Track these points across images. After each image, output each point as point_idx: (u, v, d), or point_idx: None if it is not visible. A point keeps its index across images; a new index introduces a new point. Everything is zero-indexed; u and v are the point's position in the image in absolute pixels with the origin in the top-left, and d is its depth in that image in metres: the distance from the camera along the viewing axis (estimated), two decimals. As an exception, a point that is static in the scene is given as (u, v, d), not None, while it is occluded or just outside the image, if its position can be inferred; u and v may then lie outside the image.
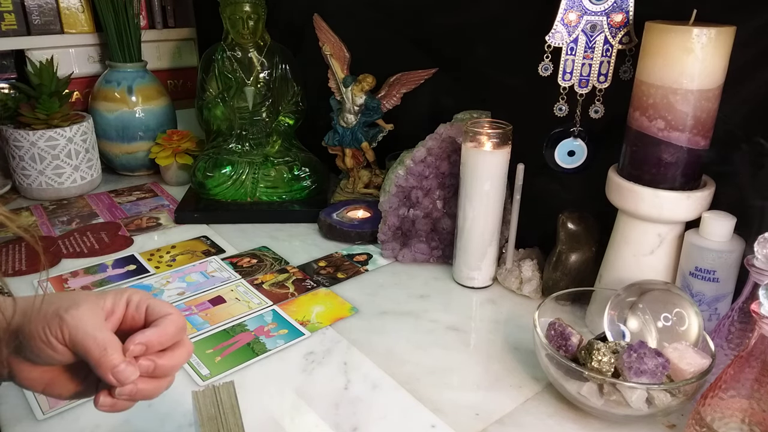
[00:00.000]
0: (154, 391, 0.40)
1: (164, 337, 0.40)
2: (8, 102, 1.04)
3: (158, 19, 1.29)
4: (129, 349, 0.38)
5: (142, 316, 0.41)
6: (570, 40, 0.70)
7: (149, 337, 0.39)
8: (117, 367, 0.37)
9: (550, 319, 0.62)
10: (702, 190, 0.62)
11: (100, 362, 0.37)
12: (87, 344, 0.37)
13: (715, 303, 0.62)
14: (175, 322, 0.41)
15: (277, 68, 1.04)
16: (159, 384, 0.40)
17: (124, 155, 1.18)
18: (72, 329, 0.37)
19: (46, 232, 0.95)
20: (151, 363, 0.39)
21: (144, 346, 0.39)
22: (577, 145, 0.75)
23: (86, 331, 0.37)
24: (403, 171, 0.87)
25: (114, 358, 0.37)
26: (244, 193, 1.02)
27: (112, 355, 0.37)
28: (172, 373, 0.41)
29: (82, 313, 0.38)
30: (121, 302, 0.41)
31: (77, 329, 0.37)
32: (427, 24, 0.93)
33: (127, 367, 0.37)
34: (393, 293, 0.79)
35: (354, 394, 0.60)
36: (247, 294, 0.78)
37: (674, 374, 0.55)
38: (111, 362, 0.37)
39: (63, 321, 0.37)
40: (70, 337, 0.37)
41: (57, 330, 0.37)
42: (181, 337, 0.41)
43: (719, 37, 0.56)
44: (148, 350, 0.39)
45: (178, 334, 0.41)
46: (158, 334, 0.39)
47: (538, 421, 0.58)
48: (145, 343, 0.39)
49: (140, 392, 0.39)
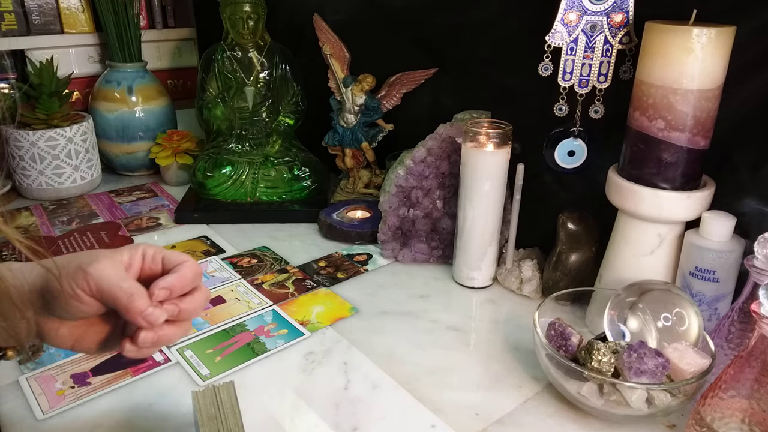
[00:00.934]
0: (175, 335, 0.42)
1: (184, 281, 0.42)
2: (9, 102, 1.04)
3: (158, 19, 1.29)
4: (154, 293, 0.40)
5: (158, 266, 0.43)
6: (570, 40, 0.70)
7: (171, 281, 0.41)
8: (146, 310, 0.39)
9: (550, 319, 0.62)
10: (702, 190, 0.62)
11: (129, 308, 0.39)
12: (114, 292, 0.39)
13: (715, 303, 0.62)
14: (192, 267, 0.43)
15: (277, 68, 1.04)
16: (179, 329, 0.43)
17: (124, 155, 1.18)
18: (98, 280, 0.39)
19: (46, 232, 0.95)
20: (176, 306, 0.41)
21: (168, 290, 0.41)
22: (577, 145, 0.75)
23: (111, 280, 0.40)
24: (403, 171, 0.87)
25: (142, 302, 0.39)
26: (244, 193, 1.02)
27: (139, 300, 0.39)
28: (192, 316, 0.43)
29: (104, 266, 0.40)
30: (137, 255, 0.43)
31: (102, 280, 0.39)
32: (427, 24, 0.93)
33: (155, 310, 0.40)
34: (393, 293, 0.79)
35: (354, 394, 0.60)
36: (247, 294, 0.78)
37: (674, 374, 0.55)
38: (139, 306, 0.39)
39: (88, 274, 0.39)
40: (97, 287, 0.39)
41: (84, 283, 0.39)
42: (198, 282, 0.43)
43: (719, 37, 0.56)
44: (171, 294, 0.41)
45: (196, 279, 0.43)
46: (179, 279, 0.42)
47: (538, 421, 0.58)
48: (169, 287, 0.41)
49: (162, 338, 0.41)
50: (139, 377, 0.62)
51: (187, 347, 0.67)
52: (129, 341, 0.41)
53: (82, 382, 0.61)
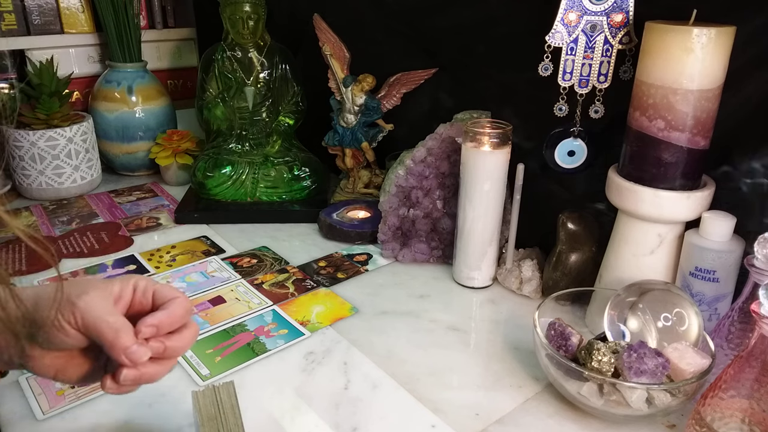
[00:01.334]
0: (157, 374, 0.41)
1: (173, 319, 0.41)
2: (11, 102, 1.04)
3: (158, 19, 1.29)
4: (141, 330, 0.40)
5: (149, 300, 0.43)
6: (570, 40, 0.70)
7: (159, 318, 0.41)
8: (130, 348, 0.39)
9: (550, 319, 0.62)
10: (702, 190, 0.62)
11: (114, 344, 0.38)
12: (100, 327, 0.39)
13: (715, 303, 0.62)
14: (182, 304, 0.42)
15: (277, 68, 1.04)
16: (162, 367, 0.42)
17: (124, 155, 1.18)
18: (84, 314, 0.39)
19: (46, 232, 0.95)
20: (161, 344, 0.41)
21: (155, 328, 0.40)
22: (577, 145, 0.75)
23: (98, 315, 0.39)
24: (403, 171, 0.87)
25: (127, 339, 0.39)
26: (244, 193, 1.02)
27: (124, 337, 0.39)
28: (178, 354, 0.42)
29: (93, 299, 0.39)
30: (128, 288, 0.42)
31: (89, 314, 0.39)
32: (427, 24, 0.93)
33: (139, 348, 0.39)
34: (393, 293, 0.80)
35: (354, 394, 0.60)
36: (247, 294, 0.78)
37: (674, 374, 0.55)
38: (124, 344, 0.38)
39: (75, 306, 0.39)
40: (83, 321, 0.39)
41: (70, 315, 0.39)
42: (187, 319, 0.43)
43: (719, 37, 0.56)
44: (158, 332, 0.41)
45: (185, 316, 0.42)
46: (168, 316, 0.41)
47: (538, 421, 0.58)
48: (156, 325, 0.40)
49: (144, 376, 0.40)
50: (139, 377, 0.62)
51: (187, 347, 0.67)
52: (110, 378, 0.40)
53: (82, 382, 0.61)
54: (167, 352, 0.41)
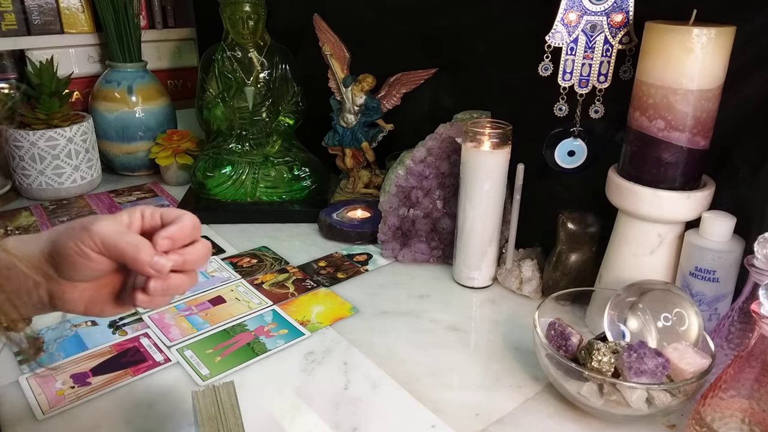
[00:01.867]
0: (183, 284, 0.44)
1: (185, 231, 0.44)
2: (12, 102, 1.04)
3: (158, 19, 1.29)
4: (158, 242, 0.42)
5: (158, 222, 0.45)
6: (570, 40, 0.70)
7: (172, 231, 0.43)
8: (152, 259, 0.41)
9: (550, 319, 0.62)
10: (702, 190, 0.62)
11: (136, 258, 0.41)
12: (120, 245, 0.41)
13: (715, 303, 0.62)
14: (191, 218, 0.45)
15: (277, 68, 1.04)
16: (186, 278, 0.44)
17: (124, 155, 1.18)
18: (103, 237, 0.41)
19: (46, 232, 0.95)
20: (180, 256, 0.43)
21: (170, 240, 0.42)
22: (577, 145, 0.75)
23: (116, 235, 0.41)
24: (403, 171, 0.87)
25: (147, 251, 0.41)
26: (244, 193, 1.02)
27: (145, 250, 0.41)
28: (197, 266, 0.45)
29: (107, 223, 0.41)
30: (136, 215, 0.44)
31: (107, 236, 0.41)
32: (427, 24, 0.93)
33: (161, 258, 0.41)
34: (393, 293, 0.79)
35: (354, 394, 0.60)
36: (247, 294, 0.78)
37: (674, 374, 0.55)
38: (146, 256, 0.41)
39: (92, 232, 0.41)
40: (103, 243, 0.41)
41: (89, 241, 0.40)
42: (197, 234, 0.45)
43: (719, 37, 0.56)
44: (173, 243, 0.43)
45: (195, 230, 0.45)
46: (180, 229, 0.43)
47: (538, 421, 0.58)
48: (170, 237, 0.42)
49: (171, 286, 0.43)
50: (139, 377, 0.62)
51: (187, 347, 0.67)
52: (140, 291, 0.42)
53: (82, 382, 0.61)
54: (186, 263, 0.43)
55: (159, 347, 0.67)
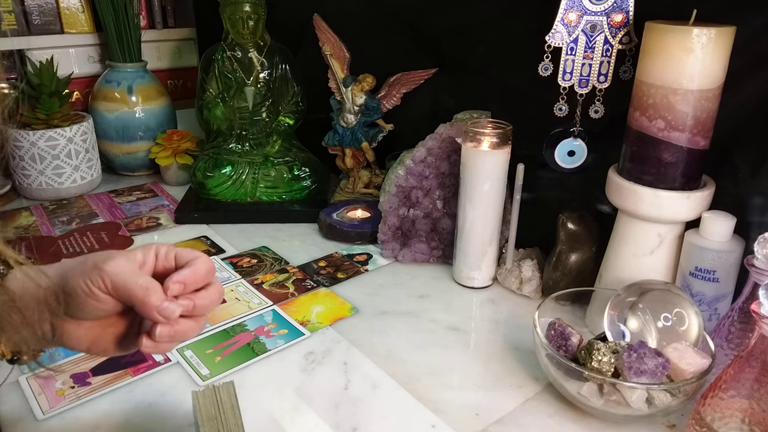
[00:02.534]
0: (190, 330, 0.42)
1: (198, 276, 0.42)
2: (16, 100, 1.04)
3: (158, 19, 1.29)
4: (169, 287, 0.41)
5: (171, 263, 0.44)
6: (570, 40, 0.70)
7: (185, 275, 0.42)
8: (161, 305, 0.40)
9: (550, 319, 0.62)
10: (702, 190, 0.62)
11: (145, 302, 0.40)
12: (130, 288, 0.40)
13: (715, 303, 0.62)
14: (205, 262, 0.43)
15: (277, 68, 1.04)
16: (194, 323, 0.43)
17: (124, 155, 1.18)
18: (113, 277, 0.40)
19: (46, 232, 0.95)
20: (190, 301, 0.42)
21: (182, 285, 0.41)
22: (577, 145, 0.75)
23: (127, 277, 0.40)
24: (403, 171, 0.87)
25: (157, 296, 0.40)
26: (244, 193, 1.02)
27: (155, 295, 0.40)
28: (207, 311, 0.43)
29: (119, 262, 0.41)
30: (150, 254, 0.44)
31: (118, 277, 0.40)
32: (427, 24, 0.93)
33: (170, 304, 0.40)
34: (393, 293, 0.79)
35: (354, 394, 0.60)
36: (247, 294, 0.78)
37: (674, 374, 0.55)
38: (155, 301, 0.40)
39: (103, 271, 0.40)
40: (112, 284, 0.40)
41: (98, 280, 0.40)
42: (211, 278, 0.44)
43: (719, 37, 0.56)
44: (185, 288, 0.42)
45: (209, 274, 0.44)
46: (193, 273, 0.42)
47: (538, 421, 0.58)
48: (183, 281, 0.41)
49: (178, 332, 0.41)
50: (139, 377, 0.62)
51: (187, 347, 0.67)
52: (146, 336, 0.41)
53: (82, 382, 0.61)
54: (197, 309, 0.42)
55: (159, 347, 0.67)
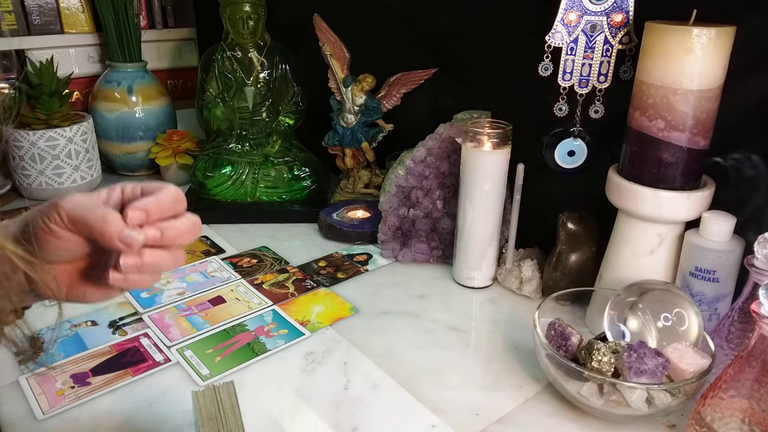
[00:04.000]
0: (162, 260, 0.39)
1: (162, 203, 0.39)
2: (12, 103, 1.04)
3: (158, 19, 1.29)
4: (128, 215, 0.38)
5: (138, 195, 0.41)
6: (570, 40, 0.70)
7: (146, 202, 0.39)
8: (122, 232, 0.37)
9: (550, 319, 0.62)
10: (702, 190, 0.62)
11: (103, 230, 0.37)
12: (86, 218, 0.37)
13: (715, 303, 0.62)
14: (171, 191, 0.41)
15: (277, 68, 1.04)
16: (167, 254, 0.40)
17: (124, 155, 1.18)
18: (69, 211, 0.37)
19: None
20: (157, 231, 0.39)
21: (143, 212, 0.38)
22: (577, 145, 0.75)
23: (83, 208, 0.38)
24: (403, 171, 0.87)
25: (116, 224, 0.37)
26: (244, 193, 1.02)
27: (113, 223, 0.37)
28: (179, 241, 0.40)
29: (77, 197, 0.38)
30: (115, 190, 0.41)
31: (74, 209, 0.37)
32: (427, 24, 0.93)
33: (131, 231, 0.37)
34: (393, 293, 0.79)
35: (354, 394, 0.60)
36: (247, 294, 0.78)
37: (674, 374, 0.55)
38: (114, 229, 0.37)
39: (59, 206, 0.38)
40: (69, 218, 0.37)
41: (55, 216, 0.37)
42: (179, 208, 0.41)
43: (719, 37, 0.56)
44: (148, 216, 0.39)
45: (177, 204, 0.41)
46: (156, 200, 0.39)
47: (538, 421, 0.58)
48: (143, 208, 0.38)
49: (147, 264, 0.39)
50: (139, 377, 0.62)
51: (187, 347, 0.67)
52: (113, 269, 0.38)
53: (82, 382, 0.61)
54: (165, 238, 0.39)
55: (159, 347, 0.67)
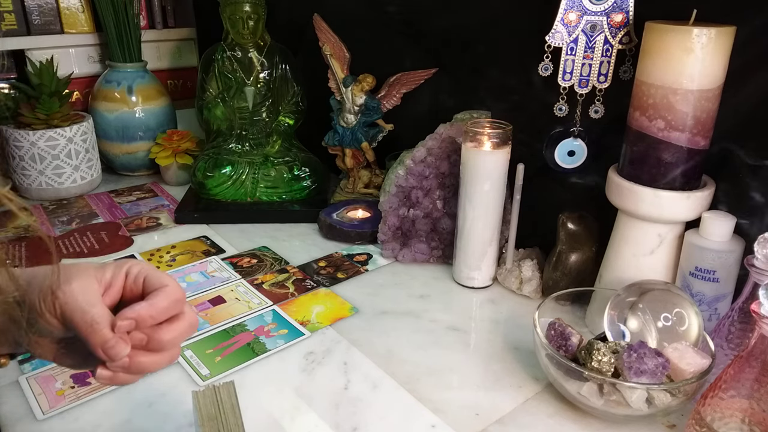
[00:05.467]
0: (153, 365, 0.39)
1: (156, 311, 0.39)
2: (8, 102, 1.04)
3: (158, 19, 1.29)
4: (117, 325, 0.37)
5: (140, 287, 0.41)
6: (570, 40, 0.70)
7: (139, 311, 0.38)
8: (107, 342, 0.37)
9: (550, 319, 0.62)
10: (702, 190, 0.62)
11: (89, 338, 0.37)
12: (75, 319, 0.37)
13: (715, 303, 0.62)
14: (170, 294, 0.40)
15: (277, 68, 1.04)
16: (157, 358, 0.39)
17: (124, 155, 1.18)
18: (63, 305, 0.37)
19: (46, 232, 0.95)
20: (144, 336, 0.38)
21: (133, 321, 0.38)
22: (577, 145, 0.75)
23: (76, 306, 0.37)
24: (403, 171, 0.87)
25: (102, 333, 0.37)
26: (244, 193, 1.02)
27: (100, 331, 0.37)
28: (170, 347, 0.40)
29: (74, 289, 0.38)
30: (120, 274, 0.41)
31: (67, 305, 0.37)
32: (427, 24, 0.93)
33: (117, 343, 0.37)
34: (393, 293, 0.79)
35: (354, 394, 0.60)
36: (247, 294, 0.78)
37: (674, 374, 0.55)
38: (99, 338, 0.37)
39: (55, 296, 0.37)
40: (62, 311, 0.37)
41: (50, 305, 0.37)
42: (178, 309, 0.40)
43: (719, 37, 0.56)
44: (139, 325, 0.38)
45: (174, 306, 0.40)
46: (149, 308, 0.38)
47: (538, 421, 0.58)
48: (135, 318, 0.38)
49: (137, 366, 0.38)
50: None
51: (187, 347, 0.67)
52: (102, 366, 0.38)
53: (82, 382, 0.61)
54: (152, 344, 0.39)
55: (159, 347, 0.67)
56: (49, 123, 1.04)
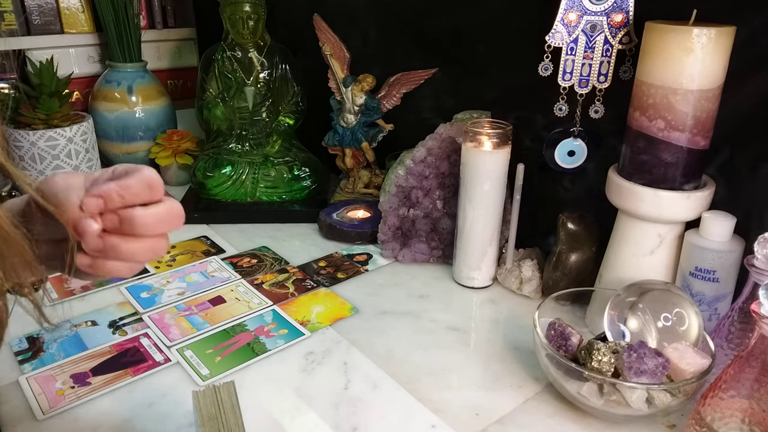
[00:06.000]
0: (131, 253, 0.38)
1: (124, 190, 0.37)
2: (8, 102, 1.04)
3: (158, 19, 1.29)
4: (84, 202, 0.36)
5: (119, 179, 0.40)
6: (570, 40, 0.70)
7: (106, 188, 0.37)
8: (76, 220, 0.36)
9: (550, 319, 0.62)
10: (702, 190, 0.62)
11: (60, 218, 0.36)
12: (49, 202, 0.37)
13: (715, 303, 0.62)
14: (142, 176, 0.38)
15: (277, 68, 1.04)
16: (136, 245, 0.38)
17: (124, 155, 1.18)
18: (43, 191, 0.37)
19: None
20: (115, 216, 0.37)
21: (100, 198, 0.37)
22: (577, 145, 0.75)
23: (51, 193, 0.37)
24: (403, 171, 0.87)
25: (71, 210, 0.36)
26: (244, 193, 1.02)
27: (69, 208, 0.36)
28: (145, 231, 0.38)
29: (55, 179, 0.38)
30: (108, 170, 0.40)
31: (46, 191, 0.37)
32: (427, 24, 0.93)
33: (84, 219, 0.36)
34: (393, 293, 0.79)
35: (354, 394, 0.60)
36: (247, 294, 0.78)
37: (674, 374, 0.55)
38: (68, 216, 0.36)
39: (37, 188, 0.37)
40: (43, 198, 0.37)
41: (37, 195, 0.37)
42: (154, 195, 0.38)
43: (719, 37, 0.56)
44: (107, 203, 0.37)
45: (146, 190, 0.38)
46: (116, 186, 0.37)
47: (538, 421, 0.58)
48: (101, 195, 0.37)
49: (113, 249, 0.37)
50: (139, 377, 0.62)
51: (187, 347, 0.67)
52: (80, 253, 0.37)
53: (82, 382, 0.61)
54: (125, 225, 0.37)
55: (159, 347, 0.67)
56: (49, 123, 1.04)
